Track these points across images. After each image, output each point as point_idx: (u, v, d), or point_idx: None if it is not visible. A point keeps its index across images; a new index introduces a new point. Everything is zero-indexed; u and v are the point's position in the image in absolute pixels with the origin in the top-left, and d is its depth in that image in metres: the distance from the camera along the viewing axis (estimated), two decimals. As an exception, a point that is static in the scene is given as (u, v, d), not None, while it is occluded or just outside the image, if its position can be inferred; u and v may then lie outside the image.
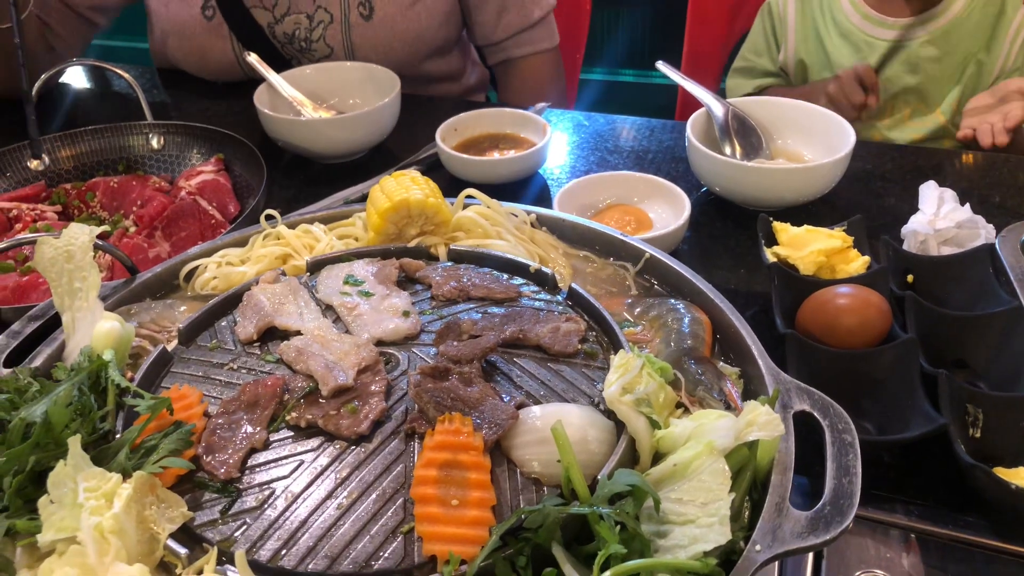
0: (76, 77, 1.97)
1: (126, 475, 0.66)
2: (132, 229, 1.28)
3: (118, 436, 0.72)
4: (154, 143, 1.46)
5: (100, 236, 0.91)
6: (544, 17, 1.90)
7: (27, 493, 0.67)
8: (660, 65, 1.52)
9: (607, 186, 1.30)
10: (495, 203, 1.01)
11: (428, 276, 0.91)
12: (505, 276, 0.90)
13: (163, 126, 1.46)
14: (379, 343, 0.81)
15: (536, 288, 0.89)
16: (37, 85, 1.42)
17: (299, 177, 1.51)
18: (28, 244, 1.14)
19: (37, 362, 0.84)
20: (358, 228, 1.02)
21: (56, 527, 0.63)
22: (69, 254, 0.88)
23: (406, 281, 0.91)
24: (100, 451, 0.69)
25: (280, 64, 1.64)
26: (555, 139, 1.56)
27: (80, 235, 0.88)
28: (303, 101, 1.56)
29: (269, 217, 1.02)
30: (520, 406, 0.72)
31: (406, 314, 0.84)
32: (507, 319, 0.83)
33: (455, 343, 0.79)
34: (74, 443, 0.65)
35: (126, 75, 1.54)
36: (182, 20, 1.80)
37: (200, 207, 1.27)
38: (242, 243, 1.00)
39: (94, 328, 0.83)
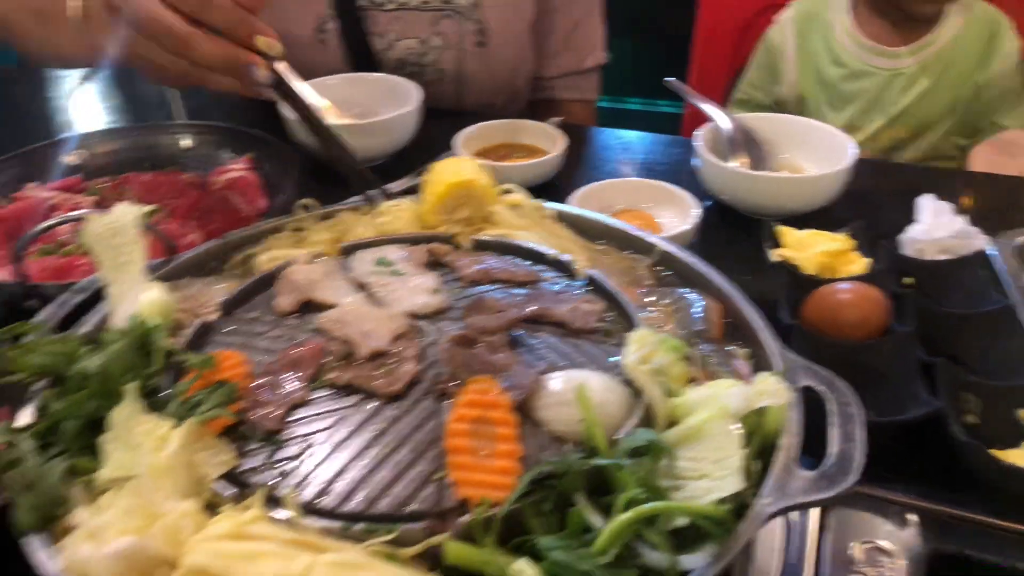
0: (112, 76, 2.02)
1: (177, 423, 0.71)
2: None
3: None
4: (187, 142, 1.52)
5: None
6: (594, 68, 1.96)
7: (83, 439, 0.72)
8: (669, 81, 1.59)
9: (618, 192, 1.37)
10: (526, 197, 1.06)
11: (454, 261, 0.96)
12: (527, 263, 0.96)
13: (196, 126, 1.53)
14: (410, 316, 0.86)
15: (556, 273, 0.94)
16: (74, 85, 1.49)
17: (324, 179, 1.57)
18: (76, 221, 1.17)
19: (84, 330, 0.89)
20: (391, 219, 1.07)
21: (114, 465, 0.67)
22: (116, 230, 0.94)
23: (435, 264, 0.97)
24: (151, 403, 0.74)
25: None
26: (568, 150, 1.62)
27: (127, 213, 0.94)
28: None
29: (306, 208, 1.07)
30: (543, 372, 0.77)
31: (435, 291, 0.89)
32: (529, 299, 0.88)
33: (482, 316, 0.84)
34: (131, 390, 0.70)
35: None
36: (293, 35, 1.78)
37: (231, 202, 1.33)
38: (280, 230, 1.06)
39: (139, 298, 0.88)
